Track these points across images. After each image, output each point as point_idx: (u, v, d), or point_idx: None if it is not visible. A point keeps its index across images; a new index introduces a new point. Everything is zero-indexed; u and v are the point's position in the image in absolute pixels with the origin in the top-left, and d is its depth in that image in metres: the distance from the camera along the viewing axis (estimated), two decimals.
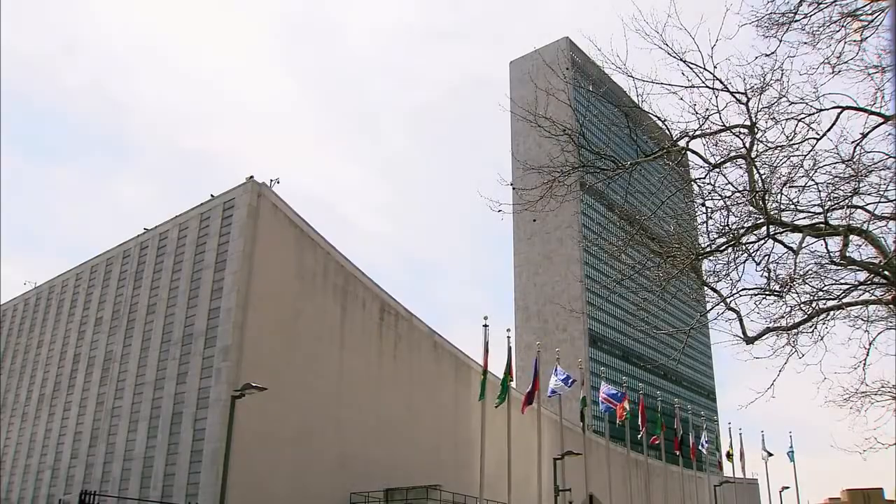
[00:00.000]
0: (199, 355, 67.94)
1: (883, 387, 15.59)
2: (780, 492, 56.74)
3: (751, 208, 12.59)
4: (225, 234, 71.93)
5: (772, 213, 12.36)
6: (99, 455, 74.86)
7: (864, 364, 13.90)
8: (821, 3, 11.70)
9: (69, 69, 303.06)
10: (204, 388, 65.98)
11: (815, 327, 13.29)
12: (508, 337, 35.50)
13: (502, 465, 31.57)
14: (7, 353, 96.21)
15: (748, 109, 12.32)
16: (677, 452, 54.26)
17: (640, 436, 48.46)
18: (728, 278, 13.17)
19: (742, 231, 12.67)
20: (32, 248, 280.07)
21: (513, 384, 39.19)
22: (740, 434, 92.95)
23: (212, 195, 76.35)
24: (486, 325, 33.28)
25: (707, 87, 12.30)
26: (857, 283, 13.20)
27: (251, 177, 72.86)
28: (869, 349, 13.65)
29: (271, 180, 74.06)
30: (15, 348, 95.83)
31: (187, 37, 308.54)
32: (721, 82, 12.28)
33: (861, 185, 12.28)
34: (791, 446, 59.81)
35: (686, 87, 12.30)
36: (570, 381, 39.24)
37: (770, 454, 58.42)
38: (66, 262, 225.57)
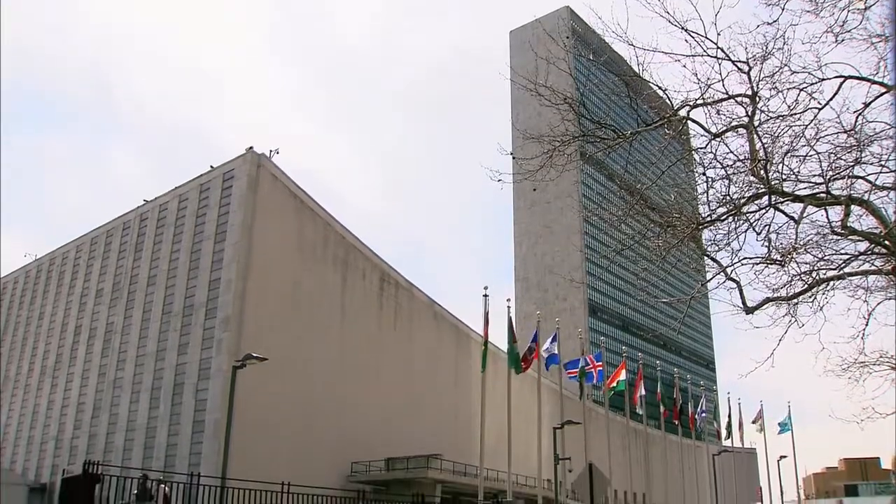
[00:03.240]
0: (199, 326, 68.12)
1: (882, 357, 15.63)
2: (778, 461, 57.17)
3: (752, 178, 12.53)
4: (225, 206, 71.82)
5: (773, 182, 12.31)
6: (102, 426, 75.29)
7: (863, 334, 13.92)
8: None
9: (61, 47, 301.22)
10: (205, 359, 66.25)
11: (815, 297, 13.29)
12: (508, 307, 35.55)
13: (502, 434, 31.76)
14: (8, 325, 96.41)
15: (750, 78, 12.23)
16: (676, 422, 54.59)
17: (638, 398, 48.70)
18: (728, 248, 13.15)
19: (743, 201, 12.62)
20: (30, 222, 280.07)
21: (519, 354, 39.32)
22: (739, 404, 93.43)
23: (211, 166, 76.16)
24: (486, 296, 33.32)
25: (709, 55, 12.20)
26: (857, 253, 13.18)
27: (250, 147, 72.51)
28: (868, 319, 13.66)
29: (271, 151, 73.74)
30: (16, 321, 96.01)
31: (177, 18, 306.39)
32: (723, 51, 12.18)
33: (863, 155, 12.23)
34: (789, 416, 60.11)
35: (687, 56, 12.21)
36: (555, 359, 39.32)
37: (762, 428, 58.77)
38: (64, 236, 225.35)
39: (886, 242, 12.34)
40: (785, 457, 58.48)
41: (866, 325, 13.74)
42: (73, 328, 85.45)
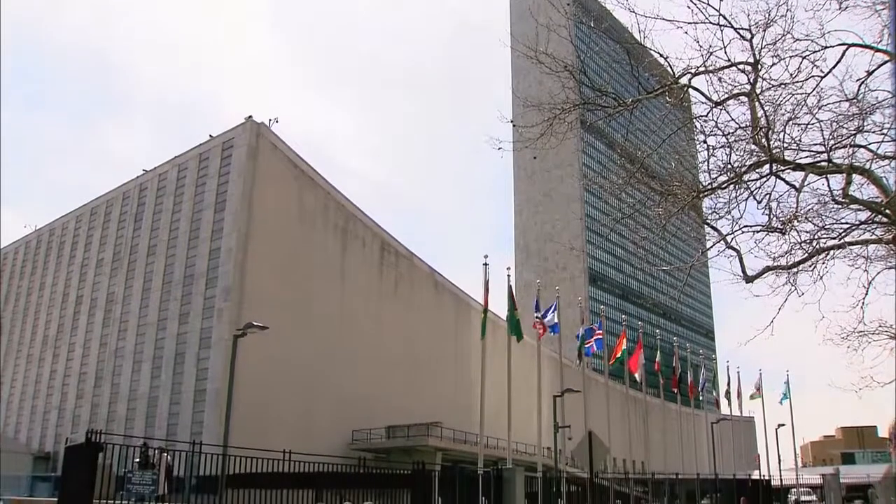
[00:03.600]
0: (200, 295, 68.28)
1: (881, 326, 15.66)
2: (776, 429, 57.47)
3: (753, 146, 12.46)
4: (224, 175, 71.70)
5: (774, 151, 12.24)
6: (104, 395, 75.73)
7: (863, 303, 13.92)
8: None
9: (56, 19, 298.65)
10: (206, 329, 66.47)
11: (815, 266, 13.27)
12: (508, 275, 35.55)
13: (502, 402, 31.94)
14: (9, 296, 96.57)
15: (752, 46, 12.11)
16: (675, 390, 54.86)
17: (638, 367, 48.89)
18: (729, 216, 13.11)
19: (744, 169, 12.56)
20: (29, 193, 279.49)
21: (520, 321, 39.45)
22: (738, 373, 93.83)
23: (210, 136, 75.93)
24: (486, 264, 33.30)
25: (711, 23, 12.08)
26: (858, 222, 13.15)
27: (250, 117, 72.23)
28: (868, 288, 13.65)
29: (270, 120, 73.46)
30: (17, 291, 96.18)
31: None
32: (725, 18, 12.05)
33: (865, 124, 12.14)
34: (787, 384, 60.40)
35: (689, 24, 12.09)
36: (556, 328, 39.34)
37: (759, 395, 59.02)
38: (64, 207, 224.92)
39: (887, 211, 12.31)
40: (783, 425, 58.85)
41: (866, 294, 13.74)
42: (74, 298, 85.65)
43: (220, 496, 18.07)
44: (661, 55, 12.45)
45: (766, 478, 54.54)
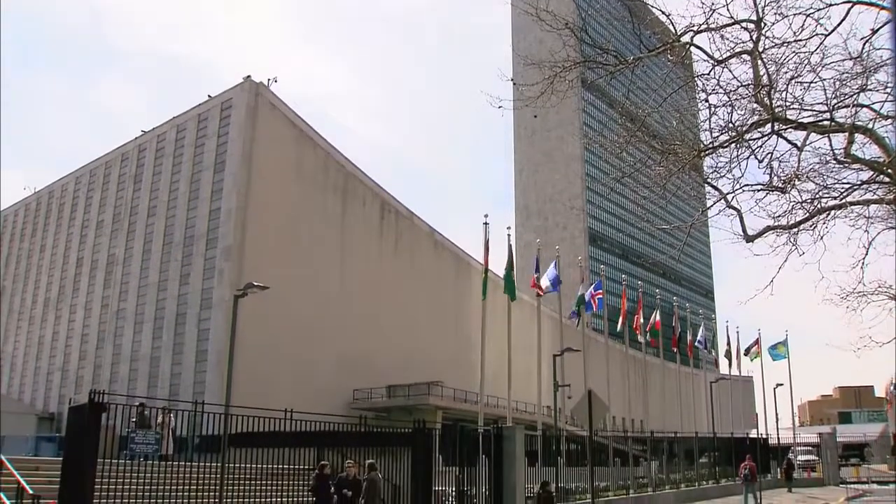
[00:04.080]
0: (200, 256, 68.39)
1: (880, 287, 15.71)
2: (774, 389, 57.83)
3: (755, 105, 12.36)
4: (223, 135, 71.45)
5: (776, 109, 12.14)
6: (106, 356, 76.18)
7: (863, 264, 13.93)
8: None
9: None
10: (207, 289, 66.68)
11: (816, 226, 13.25)
12: (509, 235, 35.52)
13: (502, 361, 32.13)
14: (10, 258, 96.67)
15: (755, 3, 11.93)
16: (675, 350, 55.15)
17: (639, 326, 49.11)
18: (730, 175, 13.05)
19: (745, 128, 12.47)
20: (28, 155, 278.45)
21: (515, 282, 39.52)
22: (737, 332, 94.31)
23: (209, 96, 75.58)
24: (486, 224, 33.24)
25: None
26: (859, 182, 13.10)
27: (248, 76, 71.78)
28: (868, 249, 13.66)
29: (269, 79, 73.05)
30: (18, 254, 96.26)
31: None
32: None
33: (868, 83, 12.01)
34: (786, 344, 60.65)
35: None
36: (556, 283, 39.38)
37: (758, 354, 59.28)
38: (63, 169, 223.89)
39: (889, 171, 12.25)
40: (781, 384, 59.22)
41: (866, 254, 13.75)
42: (74, 260, 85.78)
43: (223, 455, 18.22)
44: (663, 13, 12.29)
45: (764, 436, 55.03)
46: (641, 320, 48.85)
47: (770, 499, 33.64)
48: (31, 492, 18.59)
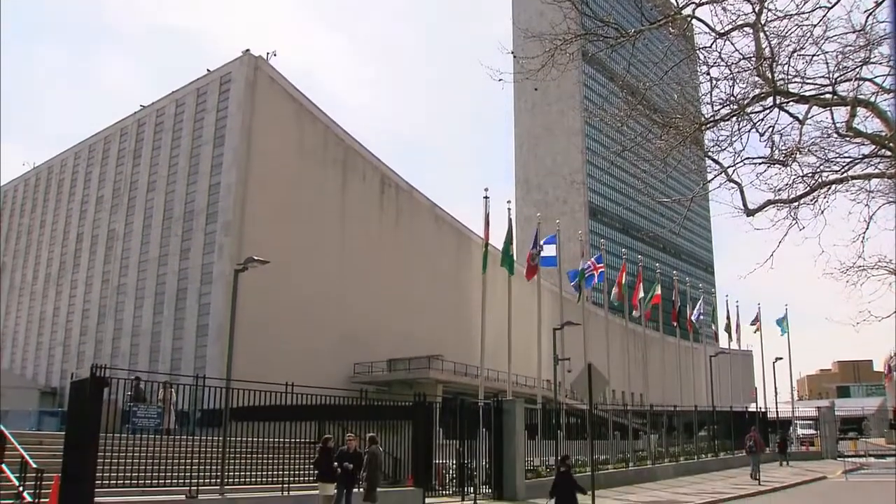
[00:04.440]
0: (200, 231, 68.39)
1: (880, 261, 15.72)
2: (773, 363, 57.93)
3: (756, 78, 12.28)
4: (223, 110, 71.22)
5: (778, 83, 12.06)
6: (107, 331, 76.40)
7: (863, 238, 13.91)
8: None
9: None
10: (207, 264, 66.75)
11: (817, 200, 13.22)
12: (509, 209, 35.42)
13: (502, 335, 32.19)
14: (10, 234, 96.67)
15: None
16: (675, 324, 55.18)
17: (638, 301, 49.14)
18: (731, 149, 13.00)
19: (747, 101, 12.39)
20: (27, 130, 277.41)
21: (514, 257, 39.53)
22: (737, 306, 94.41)
23: (208, 70, 75.20)
24: (486, 198, 33.14)
25: None
26: (861, 156, 13.06)
27: (247, 50, 71.45)
28: (868, 223, 13.64)
29: (268, 53, 72.76)
30: (18, 229, 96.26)
31: None
32: None
33: (871, 56, 11.91)
34: (786, 318, 60.71)
35: None
36: (553, 260, 39.28)
37: (758, 328, 59.33)
38: (62, 144, 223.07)
39: (891, 145, 12.19)
40: (780, 359, 59.29)
41: (866, 228, 13.73)
42: (74, 235, 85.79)
43: (224, 429, 18.32)
44: None
45: (763, 410, 55.24)
46: (641, 294, 48.81)
47: (766, 473, 33.88)
48: (34, 466, 18.70)
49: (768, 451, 43.95)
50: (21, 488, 18.58)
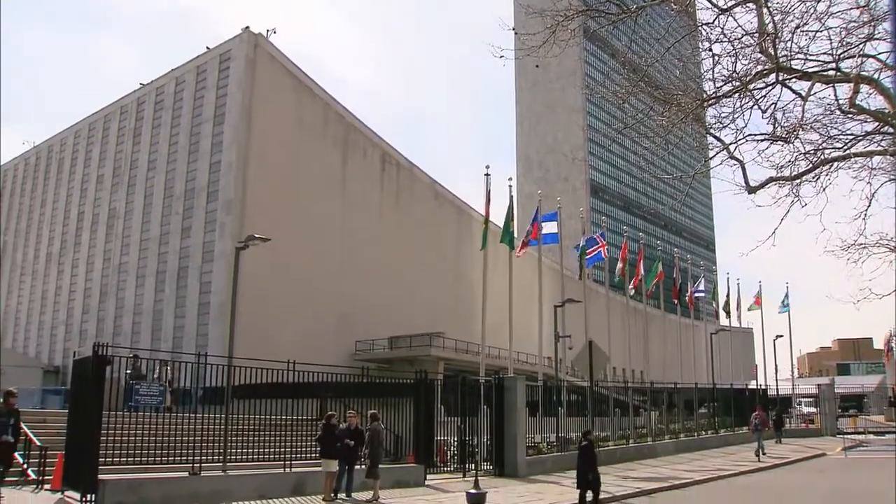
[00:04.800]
0: (202, 209, 68.36)
1: (881, 239, 15.69)
2: (774, 340, 57.93)
3: (759, 54, 12.20)
4: (223, 87, 70.97)
5: (781, 59, 11.98)
6: (109, 310, 76.56)
7: (865, 215, 13.89)
8: None
9: None
10: (208, 242, 66.76)
11: (819, 178, 13.19)
12: (510, 186, 35.32)
13: (503, 312, 32.20)
14: (11, 213, 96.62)
15: None
16: (675, 301, 55.18)
17: (639, 279, 49.13)
18: (733, 125, 12.94)
19: (749, 78, 12.32)
20: (26, 109, 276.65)
21: (514, 233, 39.51)
22: (738, 284, 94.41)
23: (207, 48, 74.85)
24: (487, 175, 32.99)
25: None
26: (863, 133, 13.00)
27: (247, 27, 71.05)
28: (870, 200, 13.62)
29: (268, 30, 72.34)
30: (19, 208, 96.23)
31: None
32: None
33: (875, 32, 11.83)
34: (787, 296, 60.69)
35: None
36: (555, 237, 39.18)
37: (759, 307, 59.29)
38: (62, 123, 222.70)
39: (895, 122, 12.14)
40: (781, 336, 59.29)
41: (868, 206, 13.71)
42: (75, 214, 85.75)
43: (226, 406, 18.40)
44: None
45: (763, 387, 55.39)
46: (642, 272, 48.77)
47: (765, 450, 34.12)
48: (38, 443, 18.84)
49: (769, 429, 44.17)
50: (25, 466, 18.74)
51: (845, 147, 13.19)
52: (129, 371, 19.89)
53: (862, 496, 21.72)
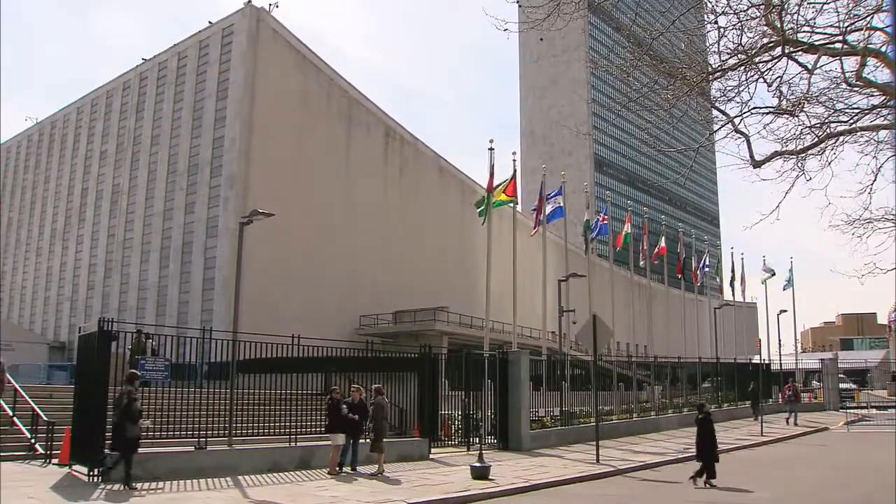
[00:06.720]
0: (205, 185, 68.31)
1: (886, 214, 15.63)
2: (778, 315, 58.05)
3: (765, 27, 12.09)
4: (225, 62, 70.66)
5: (787, 32, 11.87)
6: (114, 286, 76.76)
7: (871, 190, 13.82)
8: None
9: None
10: (212, 218, 66.78)
11: (824, 151, 13.11)
12: (514, 160, 35.31)
13: (507, 286, 32.28)
14: (15, 189, 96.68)
15: None
16: (679, 276, 55.21)
17: (641, 262, 49.17)
18: (738, 99, 12.85)
19: (755, 50, 12.21)
20: (28, 85, 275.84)
21: (518, 208, 39.46)
22: (742, 259, 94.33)
23: (210, 22, 74.43)
24: (491, 149, 32.98)
25: None
26: (870, 107, 12.90)
27: (249, 1, 70.56)
28: (876, 175, 13.54)
29: (270, 4, 71.81)
30: (22, 185, 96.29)
31: None
32: None
33: (883, 4, 11.70)
34: (791, 271, 60.73)
35: None
36: (560, 212, 39.15)
37: (772, 272, 59.11)
38: (64, 99, 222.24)
39: None
40: (785, 311, 59.43)
41: (874, 180, 13.63)
42: (79, 190, 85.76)
43: (231, 381, 18.48)
44: None
45: (766, 362, 55.54)
46: (646, 246, 48.81)
47: (770, 424, 34.28)
48: (45, 418, 18.97)
49: (770, 402, 44.31)
50: (33, 441, 18.87)
51: (851, 121, 13.09)
52: (130, 347, 19.98)
53: (864, 470, 21.80)
